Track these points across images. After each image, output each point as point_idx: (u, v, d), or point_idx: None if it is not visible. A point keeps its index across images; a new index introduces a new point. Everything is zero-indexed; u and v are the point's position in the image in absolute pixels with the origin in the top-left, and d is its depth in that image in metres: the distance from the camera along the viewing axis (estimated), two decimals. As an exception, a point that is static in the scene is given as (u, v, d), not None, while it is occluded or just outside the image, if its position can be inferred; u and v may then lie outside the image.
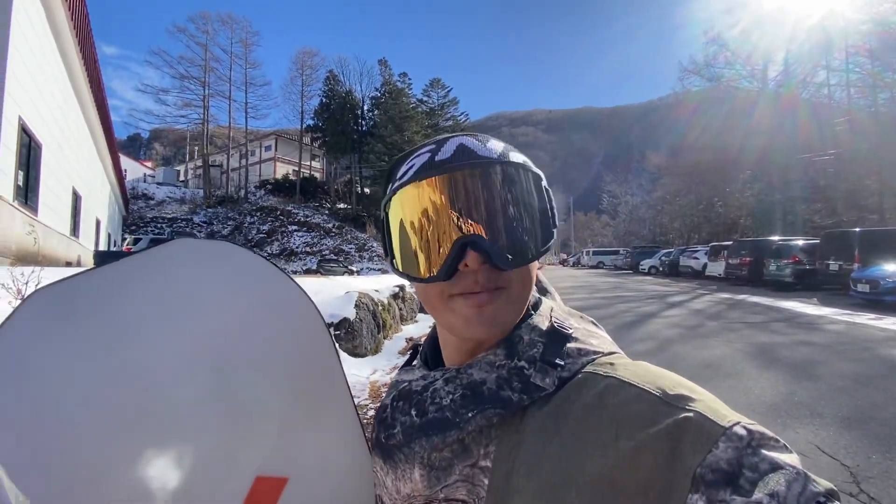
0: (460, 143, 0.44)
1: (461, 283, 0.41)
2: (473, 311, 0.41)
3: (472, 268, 0.40)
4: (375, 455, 0.49)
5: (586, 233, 68.68)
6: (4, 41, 6.60)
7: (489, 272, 0.41)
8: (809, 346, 5.64)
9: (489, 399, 0.41)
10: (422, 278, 0.43)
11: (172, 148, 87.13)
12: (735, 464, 0.31)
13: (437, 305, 0.44)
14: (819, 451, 2.73)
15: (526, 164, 0.44)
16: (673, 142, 37.88)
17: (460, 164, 0.42)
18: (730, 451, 0.31)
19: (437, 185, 0.41)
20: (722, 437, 0.32)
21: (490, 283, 0.41)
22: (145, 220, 34.06)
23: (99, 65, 13.45)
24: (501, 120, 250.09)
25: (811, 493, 0.30)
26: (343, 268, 23.89)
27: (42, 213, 8.70)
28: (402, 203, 0.43)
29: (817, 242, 13.31)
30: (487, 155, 0.43)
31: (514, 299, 0.43)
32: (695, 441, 0.32)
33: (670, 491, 0.31)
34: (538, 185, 0.44)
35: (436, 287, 0.43)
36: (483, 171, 0.41)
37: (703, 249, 20.39)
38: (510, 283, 0.42)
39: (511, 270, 0.41)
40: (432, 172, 0.42)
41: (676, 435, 0.33)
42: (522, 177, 0.43)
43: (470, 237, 0.40)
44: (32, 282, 2.10)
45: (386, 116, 39.27)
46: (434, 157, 0.44)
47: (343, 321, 5.08)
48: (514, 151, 0.46)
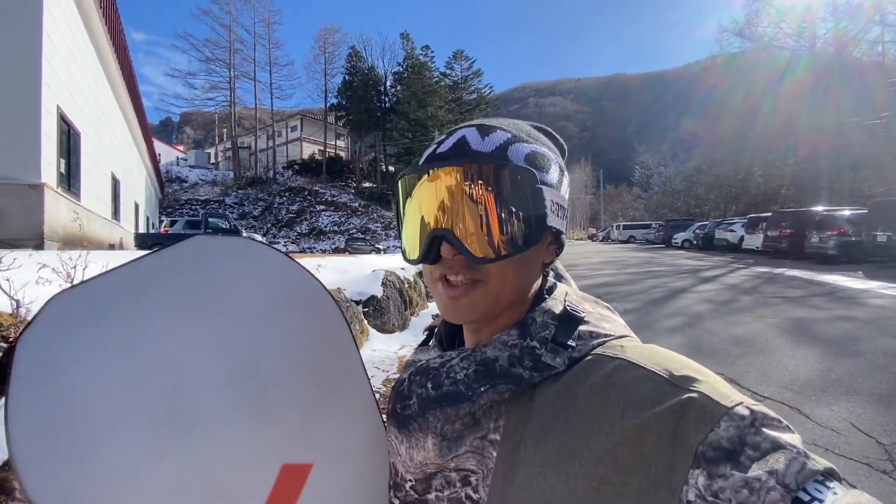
0: (462, 136, 0.47)
1: (443, 267, 0.46)
2: (450, 301, 0.46)
3: (447, 257, 0.44)
4: (391, 425, 0.51)
5: (617, 206, 66.87)
6: (38, 30, 6.81)
7: (464, 262, 0.44)
8: (850, 321, 5.40)
9: (501, 375, 0.43)
10: (408, 259, 0.49)
11: (202, 131, 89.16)
12: (737, 441, 0.32)
13: (430, 285, 0.49)
14: (854, 428, 2.66)
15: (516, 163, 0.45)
16: (710, 109, 35.96)
17: (446, 162, 0.45)
18: (731, 429, 0.32)
19: (426, 177, 0.45)
20: (724, 417, 0.33)
21: (466, 272, 0.45)
22: (180, 203, 35.28)
23: (129, 50, 13.76)
24: (528, 91, 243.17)
25: (809, 471, 0.30)
26: (370, 246, 24.26)
27: (84, 198, 9.13)
28: (402, 189, 0.49)
29: (864, 212, 12.54)
30: (482, 150, 0.45)
31: (491, 292, 0.45)
32: (698, 420, 0.33)
33: (672, 467, 0.32)
34: (528, 184, 0.44)
35: (428, 269, 0.48)
36: (466, 169, 0.44)
37: (740, 221, 19.51)
38: (488, 276, 0.44)
39: (488, 264, 0.44)
40: (425, 166, 0.46)
41: (680, 414, 0.34)
42: (509, 176, 0.43)
43: (440, 231, 0.44)
44: (80, 266, 2.23)
45: (409, 92, 38.87)
46: (437, 150, 0.47)
47: (371, 298, 5.20)
48: (519, 143, 0.46)
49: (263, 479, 0.53)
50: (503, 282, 0.45)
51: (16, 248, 2.67)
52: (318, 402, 0.58)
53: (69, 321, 0.48)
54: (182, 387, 0.51)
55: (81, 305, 0.49)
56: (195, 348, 0.52)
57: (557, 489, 0.37)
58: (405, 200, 0.48)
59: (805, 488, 0.30)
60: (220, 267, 0.56)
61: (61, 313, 0.48)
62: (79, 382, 0.47)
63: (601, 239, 45.36)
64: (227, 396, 0.53)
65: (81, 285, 0.50)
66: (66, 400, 0.46)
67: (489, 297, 0.45)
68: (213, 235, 0.59)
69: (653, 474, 0.33)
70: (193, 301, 0.53)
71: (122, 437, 0.47)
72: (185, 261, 0.54)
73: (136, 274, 0.52)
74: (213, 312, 0.54)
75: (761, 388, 3.35)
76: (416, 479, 0.49)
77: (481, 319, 0.46)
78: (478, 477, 0.43)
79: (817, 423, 2.71)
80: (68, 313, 0.48)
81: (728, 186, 32.70)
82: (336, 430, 0.58)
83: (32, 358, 0.46)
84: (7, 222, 6.31)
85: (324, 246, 30.34)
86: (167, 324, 0.52)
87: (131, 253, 8.24)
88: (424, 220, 0.46)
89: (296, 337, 0.58)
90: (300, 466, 0.55)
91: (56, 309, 0.48)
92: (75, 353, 0.47)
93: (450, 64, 43.51)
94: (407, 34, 42.61)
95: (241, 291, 0.56)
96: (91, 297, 0.49)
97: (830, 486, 0.30)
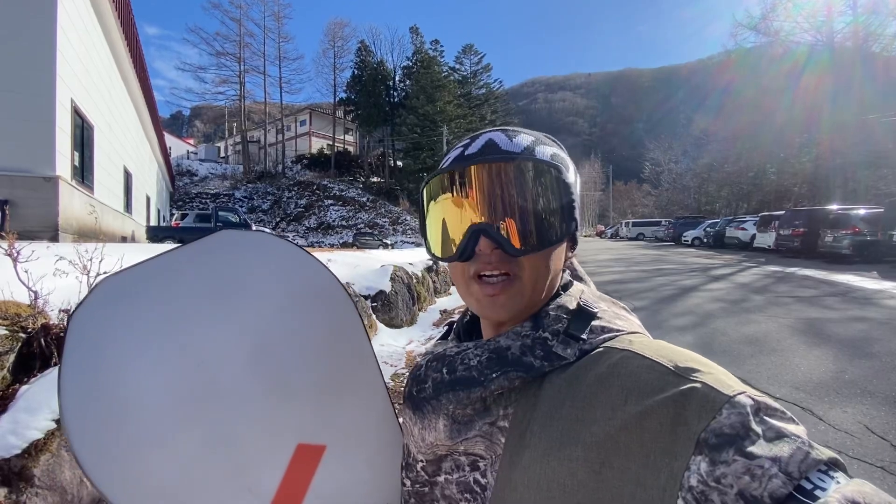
0: (489, 138, 0.49)
1: (477, 264, 0.46)
2: (486, 298, 0.46)
3: (485, 252, 0.45)
4: (406, 407, 0.53)
5: (626, 203, 66.39)
6: (52, 25, 6.88)
7: (501, 256, 0.45)
8: (865, 321, 5.32)
9: (512, 363, 0.44)
10: (443, 257, 0.49)
11: (212, 125, 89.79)
12: (739, 428, 0.32)
13: (460, 285, 0.49)
14: (868, 430, 2.62)
15: (544, 159, 0.48)
16: (723, 105, 35.44)
17: (482, 158, 0.47)
18: (733, 416, 0.33)
19: (461, 176, 0.47)
20: (726, 405, 0.33)
21: (502, 266, 0.46)
22: (190, 196, 35.60)
23: (140, 44, 13.86)
24: (537, 86, 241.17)
25: (813, 460, 0.31)
26: (378, 241, 24.36)
27: (97, 191, 9.25)
28: (431, 190, 0.50)
29: (880, 211, 12.32)
30: (511, 150, 0.47)
31: (526, 287, 0.46)
32: (700, 408, 0.34)
33: (674, 453, 0.33)
34: (557, 179, 0.47)
35: (458, 267, 0.48)
36: (501, 166, 0.46)
37: (752, 219, 19.29)
38: (522, 269, 0.46)
39: (523, 257, 0.45)
40: (459, 165, 0.47)
41: (682, 403, 0.34)
42: (540, 171, 0.46)
43: (482, 225, 0.45)
44: (97, 257, 2.26)
45: (418, 86, 38.77)
46: (465, 151, 0.49)
47: (379, 293, 5.22)
48: (543, 145, 0.50)
49: (280, 456, 0.57)
50: (536, 276, 0.46)
51: (31, 240, 2.71)
52: (332, 386, 0.61)
53: (114, 302, 0.54)
54: (207, 364, 0.55)
55: (124, 289, 0.54)
56: (220, 331, 0.57)
57: (559, 471, 0.37)
58: (433, 200, 0.50)
59: (808, 477, 0.30)
60: (244, 259, 0.60)
61: (107, 295, 0.53)
62: (120, 358, 0.52)
63: (609, 236, 45.04)
64: (247, 375, 0.57)
65: (126, 271, 0.55)
66: (109, 373, 0.52)
67: (526, 292, 0.46)
68: (239, 230, 0.63)
69: (652, 460, 0.34)
70: (220, 288, 0.58)
71: (156, 407, 0.53)
72: (214, 252, 0.59)
73: (172, 262, 0.57)
74: (238, 299, 0.59)
75: (773, 389, 3.32)
76: (427, 459, 0.50)
77: (517, 315, 0.47)
78: (486, 462, 0.44)
79: (830, 425, 2.68)
80: (113, 295, 0.54)
81: (740, 184, 32.29)
82: (349, 414, 0.62)
83: (82, 335, 0.51)
84: (22, 214, 6.42)
85: (332, 240, 30.48)
86: (197, 308, 0.57)
87: (144, 246, 8.34)
88: (462, 216, 0.47)
89: (311, 325, 0.61)
90: (315, 447, 0.59)
91: (103, 291, 0.53)
92: (118, 332, 0.53)
93: (459, 58, 43.34)
94: (416, 28, 42.51)
95: (262, 281, 0.60)
96: (133, 281, 0.55)
97: (834, 475, 0.30)
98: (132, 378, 0.52)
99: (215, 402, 0.55)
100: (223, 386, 0.56)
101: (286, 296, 0.61)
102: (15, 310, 1.95)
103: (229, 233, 0.60)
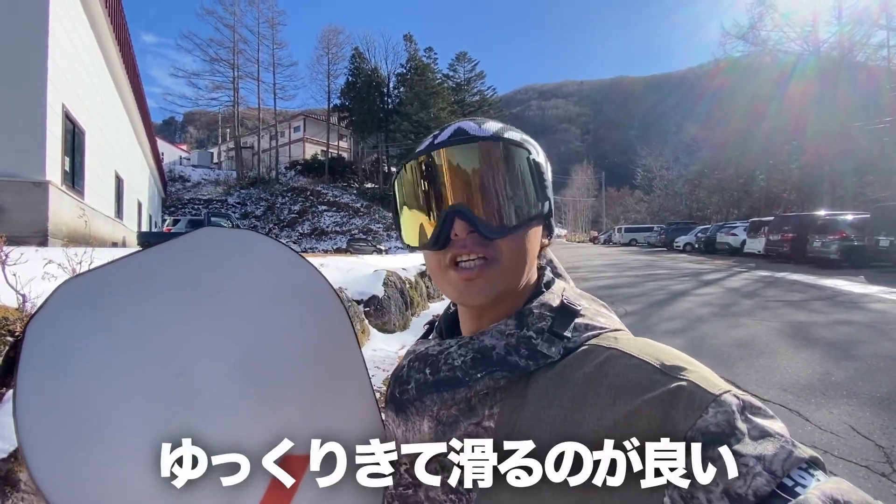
0: (459, 126, 0.49)
1: (453, 249, 0.46)
2: (464, 283, 0.45)
3: (461, 236, 0.45)
4: (389, 409, 0.52)
5: (619, 209, 66.73)
6: (44, 29, 6.85)
7: (477, 240, 0.45)
8: (850, 325, 5.39)
9: (497, 363, 0.44)
10: (418, 246, 0.49)
11: (205, 130, 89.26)
12: (725, 426, 0.33)
13: (437, 274, 0.49)
14: (853, 431, 2.66)
15: (513, 140, 0.47)
16: (713, 112, 35.89)
17: (449, 142, 0.47)
18: (719, 415, 0.33)
19: (430, 161, 0.47)
20: (712, 404, 0.34)
21: (478, 249, 0.45)
22: (183, 202, 35.34)
23: (133, 50, 13.83)
24: (531, 93, 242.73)
25: (795, 458, 0.31)
26: (372, 246, 24.27)
27: (88, 196, 9.16)
28: (402, 181, 0.50)
29: (867, 217, 12.51)
30: (481, 134, 0.47)
31: (505, 269, 0.46)
32: (686, 407, 0.34)
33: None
34: (528, 159, 0.47)
35: (434, 257, 0.48)
36: (469, 148, 0.46)
37: (742, 225, 19.49)
38: (500, 253, 0.45)
39: (500, 240, 0.45)
40: (427, 150, 0.47)
41: (669, 401, 0.35)
42: (510, 152, 0.46)
43: (456, 206, 0.45)
44: (86, 261, 2.25)
45: (412, 93, 38.88)
46: (435, 140, 0.49)
47: (372, 298, 5.21)
48: (511, 131, 0.50)
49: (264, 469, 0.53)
50: (515, 258, 0.46)
51: (19, 244, 2.69)
52: (319, 393, 0.58)
53: (77, 307, 0.48)
54: (188, 374, 0.51)
55: (90, 292, 0.49)
56: (201, 336, 0.53)
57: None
58: (405, 191, 0.50)
59: (790, 475, 0.31)
60: (225, 258, 0.56)
61: (70, 300, 0.48)
62: (86, 369, 0.47)
63: (603, 242, 45.26)
64: (231, 385, 0.53)
65: (90, 273, 0.51)
66: (73, 386, 0.46)
67: (504, 275, 0.46)
68: (218, 227, 0.60)
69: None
70: (199, 290, 0.54)
71: (128, 423, 0.48)
72: (191, 251, 0.55)
73: (144, 263, 0.53)
74: (219, 301, 0.55)
75: (761, 391, 3.35)
76: (411, 462, 0.49)
77: (497, 299, 0.47)
78: None
79: (817, 426, 2.71)
80: (77, 300, 0.49)
81: (730, 190, 32.60)
82: (335, 422, 0.59)
83: (41, 344, 0.46)
84: (11, 219, 6.34)
85: (326, 246, 30.37)
86: (174, 311, 0.52)
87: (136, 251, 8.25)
88: (435, 201, 0.47)
89: (297, 328, 0.58)
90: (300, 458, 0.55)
91: (64, 295, 0.48)
92: (83, 340, 0.48)
93: (453, 66, 43.57)
94: (410, 36, 42.73)
95: (245, 282, 0.57)
96: (99, 284, 0.50)
97: (814, 473, 0.31)
98: (100, 392, 0.47)
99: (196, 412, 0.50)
100: (205, 395, 0.51)
101: (271, 296, 0.57)
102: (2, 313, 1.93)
103: (210, 230, 0.56)
